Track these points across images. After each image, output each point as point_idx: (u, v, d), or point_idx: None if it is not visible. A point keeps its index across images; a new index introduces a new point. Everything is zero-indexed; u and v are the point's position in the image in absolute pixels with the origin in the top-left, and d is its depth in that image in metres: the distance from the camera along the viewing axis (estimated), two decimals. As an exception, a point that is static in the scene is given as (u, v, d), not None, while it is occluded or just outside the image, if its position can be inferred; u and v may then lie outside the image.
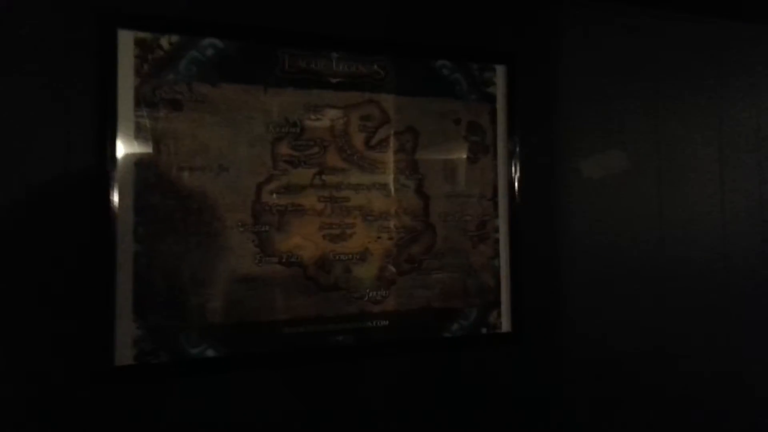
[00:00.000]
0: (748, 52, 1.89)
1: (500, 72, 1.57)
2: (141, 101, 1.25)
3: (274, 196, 1.34)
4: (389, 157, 1.45)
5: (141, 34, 1.25)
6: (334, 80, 1.41)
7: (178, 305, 1.27)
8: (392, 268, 1.45)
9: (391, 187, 1.45)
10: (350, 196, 1.41)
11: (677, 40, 1.79)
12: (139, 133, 1.25)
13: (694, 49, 1.81)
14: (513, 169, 1.56)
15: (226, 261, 1.30)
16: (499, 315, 1.55)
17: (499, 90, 1.56)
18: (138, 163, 1.24)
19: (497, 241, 1.55)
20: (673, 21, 1.78)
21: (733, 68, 1.86)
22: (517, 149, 1.56)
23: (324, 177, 1.39)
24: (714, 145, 1.82)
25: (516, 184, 1.56)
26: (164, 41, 1.27)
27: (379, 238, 1.44)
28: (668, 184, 1.75)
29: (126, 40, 1.24)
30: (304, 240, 1.37)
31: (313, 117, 1.38)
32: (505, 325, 1.55)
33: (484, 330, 1.54)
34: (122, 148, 1.23)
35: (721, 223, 1.81)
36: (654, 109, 1.74)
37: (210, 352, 1.29)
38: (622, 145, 1.70)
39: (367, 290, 1.42)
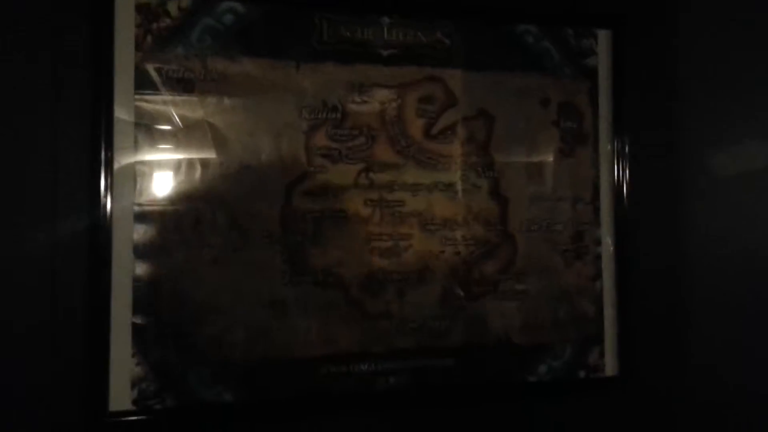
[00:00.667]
0: None
1: (603, 39, 1.24)
2: (143, 81, 1.01)
3: (308, 198, 1.07)
4: (456, 149, 1.16)
5: (143, -2, 1.02)
6: (385, 52, 1.13)
7: (188, 337, 1.02)
8: (459, 291, 1.15)
9: (459, 187, 1.15)
10: (405, 199, 1.13)
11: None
12: (141, 121, 1.01)
13: None
14: (619, 164, 1.23)
15: (247, 281, 1.05)
16: (601, 354, 1.22)
17: (602, 63, 1.24)
18: (139, 158, 1.01)
19: (599, 257, 1.23)
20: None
21: None
22: (626, 139, 1.23)
23: (372, 175, 1.11)
24: None
25: (624, 183, 1.23)
26: (172, 6, 1.03)
27: (442, 252, 1.14)
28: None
29: (125, 6, 1.01)
30: (345, 254, 1.09)
31: (358, 99, 1.11)
32: (611, 367, 1.23)
33: (582, 373, 1.21)
34: (119, 140, 1.00)
35: None
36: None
37: (227, 396, 1.03)
38: (765, 131, 1.32)
39: (427, 319, 1.13)
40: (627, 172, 1.23)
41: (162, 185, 1.01)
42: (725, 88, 1.30)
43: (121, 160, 1.00)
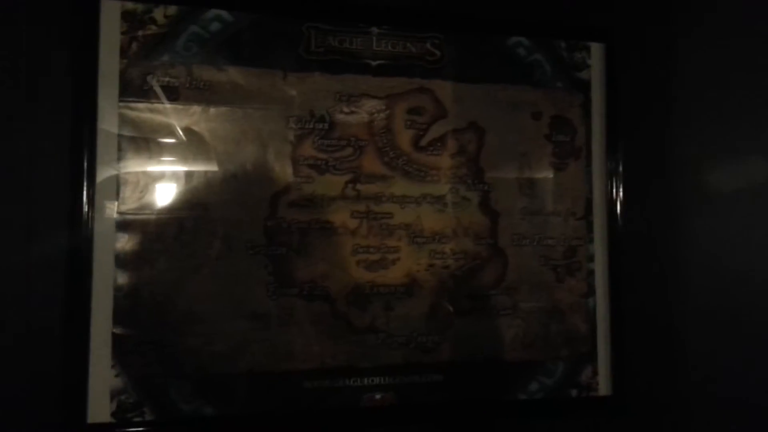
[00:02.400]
0: None
1: (596, 52, 1.21)
2: (127, 90, 0.99)
3: (294, 209, 1.05)
4: (445, 161, 1.12)
5: (129, 5, 1.00)
6: (374, 63, 1.10)
7: (169, 348, 0.99)
8: (448, 306, 1.11)
9: (448, 200, 1.12)
10: (393, 211, 1.09)
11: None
12: (124, 129, 0.99)
13: None
14: (613, 179, 1.19)
15: (230, 292, 1.02)
16: (594, 372, 1.17)
17: (595, 75, 1.20)
18: (122, 168, 0.99)
19: (592, 273, 1.18)
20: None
21: None
22: (620, 153, 1.19)
23: (359, 186, 1.08)
24: None
25: (617, 198, 1.19)
26: (158, 13, 1.01)
27: (431, 266, 1.10)
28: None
29: (110, 13, 0.99)
30: (332, 267, 1.06)
31: (345, 110, 1.08)
32: (604, 387, 1.18)
33: (573, 392, 1.16)
34: (102, 148, 0.98)
35: None
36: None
37: (208, 410, 1.00)
38: (763, 146, 1.28)
39: (415, 334, 1.09)
40: (621, 186, 1.19)
41: (145, 194, 0.99)
42: (721, 102, 1.26)
43: (104, 169, 0.98)
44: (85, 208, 0.96)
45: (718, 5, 1.27)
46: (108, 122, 0.99)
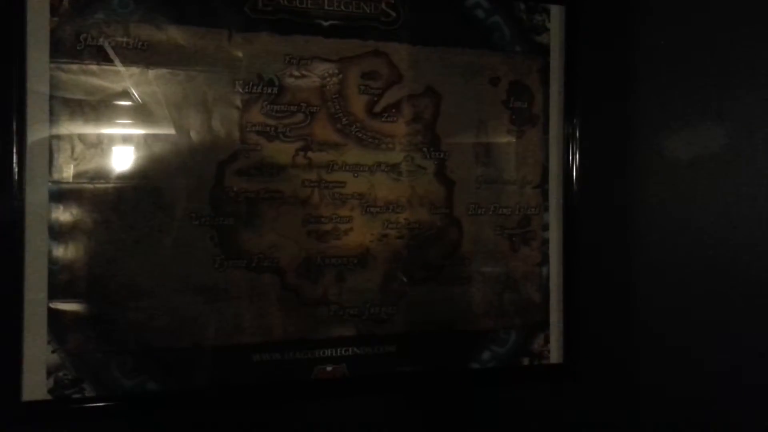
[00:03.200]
0: None
1: (556, 14, 1.17)
2: (58, 50, 0.92)
3: (242, 178, 1.00)
4: (400, 128, 1.09)
5: (59, -44, 0.92)
6: (325, 23, 1.05)
7: (110, 323, 0.95)
8: (402, 277, 1.09)
9: (403, 168, 1.09)
10: (346, 180, 1.06)
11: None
12: (56, 93, 0.92)
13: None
14: (570, 146, 1.17)
15: (174, 264, 0.98)
16: (546, 341, 1.18)
17: (555, 39, 1.17)
18: (54, 132, 0.92)
19: (546, 242, 1.17)
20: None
21: None
22: (578, 120, 1.17)
23: (310, 154, 1.04)
24: None
25: (573, 166, 1.17)
26: (91, -33, 0.94)
27: (384, 236, 1.08)
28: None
29: (37, -35, 0.91)
30: (281, 238, 1.03)
31: (296, 73, 1.03)
32: (555, 355, 1.18)
33: (525, 360, 1.17)
34: (33, 112, 0.91)
35: None
36: (765, 72, 1.30)
37: (151, 385, 0.97)
38: (720, 115, 1.27)
39: (368, 305, 1.08)
40: (577, 155, 1.17)
41: (80, 162, 0.94)
42: (682, 68, 1.25)
43: (35, 134, 0.91)
44: (15, 176, 0.90)
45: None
46: (38, 84, 0.92)
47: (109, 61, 0.95)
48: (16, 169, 0.90)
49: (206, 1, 0.99)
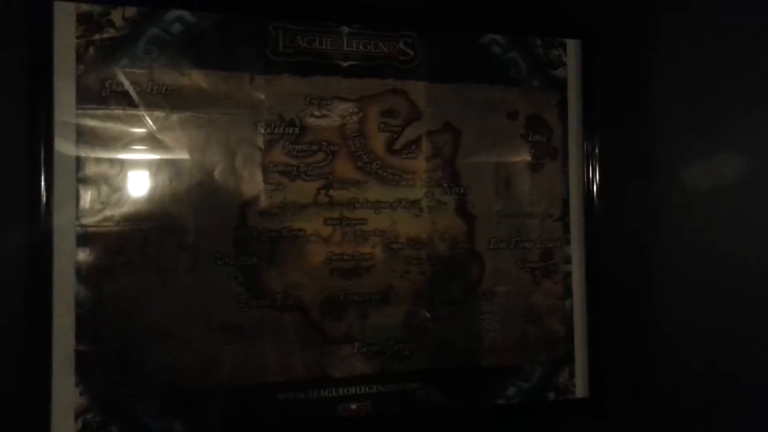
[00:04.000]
0: None
1: (572, 49, 1.18)
2: (84, 96, 0.94)
3: (265, 218, 1.01)
4: (420, 164, 1.10)
5: (85, 7, 0.95)
6: (345, 64, 1.07)
7: (136, 364, 0.95)
8: (425, 313, 1.09)
9: (423, 204, 1.10)
10: (367, 217, 1.07)
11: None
12: (82, 138, 0.94)
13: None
14: (590, 179, 1.18)
15: (199, 305, 0.98)
16: (572, 375, 1.17)
17: (572, 73, 1.18)
18: (81, 176, 0.94)
19: (569, 275, 1.17)
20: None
21: None
22: (597, 152, 1.18)
23: (332, 192, 1.05)
24: None
25: (594, 199, 1.17)
26: (116, 16, 0.96)
27: (406, 272, 1.08)
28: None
29: (65, 16, 0.94)
30: (304, 276, 1.03)
31: (317, 113, 1.05)
32: (581, 389, 1.17)
33: (551, 395, 1.16)
34: (61, 157, 0.93)
35: None
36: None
37: (177, 426, 0.97)
38: (738, 145, 1.27)
39: (391, 342, 1.07)
40: (597, 187, 1.17)
41: (107, 206, 0.95)
42: (699, 99, 1.25)
43: (63, 179, 0.93)
44: (43, 221, 0.92)
45: (694, 3, 1.25)
46: (65, 129, 0.94)
47: (134, 106, 0.96)
48: (43, 214, 0.92)
49: (228, 46, 1.01)
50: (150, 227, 0.97)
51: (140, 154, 0.97)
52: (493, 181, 1.13)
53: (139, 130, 0.97)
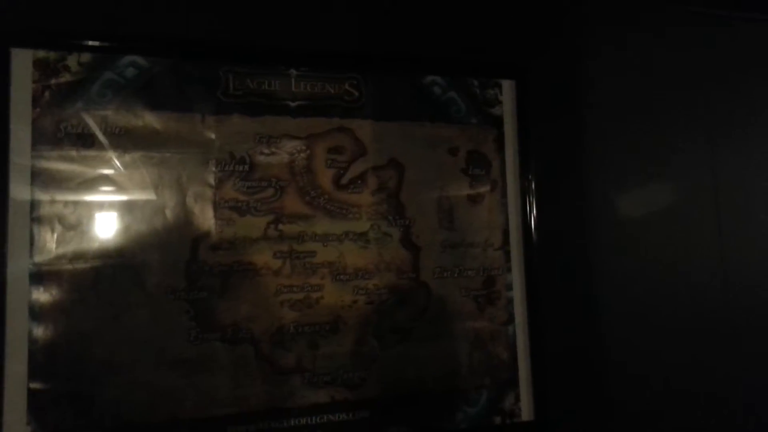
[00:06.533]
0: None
1: (507, 88, 1.26)
2: (40, 138, 0.98)
3: (216, 252, 1.05)
4: (366, 198, 1.15)
5: (42, 53, 0.99)
6: (293, 104, 1.12)
7: (87, 400, 0.97)
8: (373, 341, 1.13)
9: (370, 236, 1.14)
10: (316, 249, 1.11)
11: (731, 43, 1.45)
12: (37, 179, 0.97)
13: (754, 53, 1.47)
14: (528, 209, 1.24)
15: (151, 340, 1.00)
16: (517, 398, 1.21)
17: (507, 111, 1.25)
18: (36, 216, 0.97)
19: (511, 301, 1.22)
20: (725, 19, 1.45)
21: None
22: (533, 185, 1.24)
23: (281, 226, 1.09)
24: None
25: (533, 227, 1.23)
26: (72, 61, 1.00)
27: (354, 302, 1.12)
28: (729, 220, 1.39)
29: (22, 61, 0.98)
30: (255, 308, 1.06)
31: (266, 151, 1.10)
32: (526, 412, 1.21)
33: (497, 419, 1.19)
34: (16, 199, 0.96)
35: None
36: (705, 129, 1.40)
37: (129, 461, 0.98)
38: (667, 174, 1.36)
39: (341, 371, 1.10)
40: (535, 216, 1.23)
41: (60, 243, 0.97)
42: (628, 132, 1.34)
43: (17, 218, 0.96)
44: (-5, 261, 0.94)
45: (624, 40, 1.35)
46: (20, 170, 0.96)
47: (88, 147, 1.00)
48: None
49: (180, 88, 1.06)
50: (103, 264, 0.99)
51: (94, 193, 1.00)
52: (436, 213, 1.18)
53: (93, 171, 1.00)
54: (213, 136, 1.07)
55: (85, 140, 1.00)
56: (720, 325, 1.36)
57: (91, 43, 1.01)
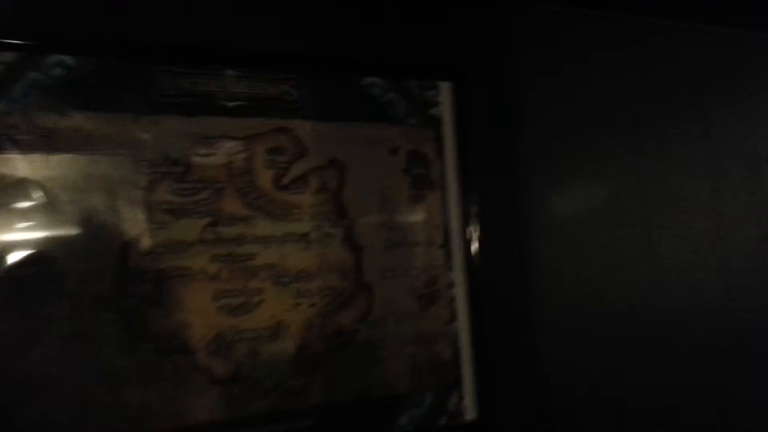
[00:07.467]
0: (748, 65, 1.63)
1: (445, 90, 1.27)
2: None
3: (148, 257, 0.99)
4: (307, 199, 1.12)
5: (-41, 52, 0.92)
6: (230, 104, 1.09)
7: (7, 421, 0.89)
8: (316, 346, 1.10)
9: (312, 237, 1.12)
10: (256, 252, 1.07)
11: (663, 50, 1.53)
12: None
13: (683, 60, 1.55)
14: (468, 207, 1.24)
15: (78, 353, 0.94)
16: (461, 398, 1.21)
17: (445, 111, 1.26)
18: (-55, 221, 0.89)
19: (453, 300, 1.22)
20: (658, 26, 1.52)
21: (727, 82, 1.60)
22: (472, 184, 1.25)
23: (219, 229, 1.05)
24: (707, 172, 1.54)
25: (472, 226, 1.24)
26: (-7, 60, 0.93)
27: (296, 305, 1.09)
28: (657, 218, 1.46)
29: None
30: (191, 315, 1.02)
31: (202, 152, 1.05)
32: (470, 412, 1.21)
33: (443, 420, 1.19)
34: None
35: (722, 263, 1.52)
36: (635, 130, 1.46)
37: (55, 484, 0.91)
38: (598, 173, 1.41)
39: (283, 378, 1.07)
40: (474, 215, 1.24)
41: (-26, 250, 0.90)
42: (562, 131, 1.38)
43: (-77, 224, 0.88)
44: None
45: (555, 43, 1.39)
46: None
47: (8, 150, 0.93)
48: None
49: (111, 88, 1.00)
50: (26, 273, 0.92)
51: (16, 198, 0.93)
52: (378, 213, 1.17)
53: (14, 173, 0.93)
54: (146, 136, 1.02)
55: (7, 143, 0.93)
56: (650, 312, 1.42)
57: (14, 41, 0.95)
